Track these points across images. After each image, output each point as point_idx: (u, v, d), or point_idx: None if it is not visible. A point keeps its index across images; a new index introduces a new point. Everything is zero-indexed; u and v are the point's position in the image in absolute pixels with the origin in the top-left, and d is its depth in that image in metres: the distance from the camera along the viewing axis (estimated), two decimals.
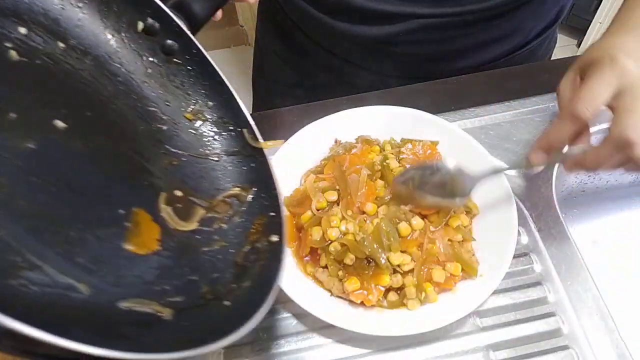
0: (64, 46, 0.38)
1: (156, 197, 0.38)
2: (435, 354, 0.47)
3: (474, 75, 0.67)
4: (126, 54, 0.42)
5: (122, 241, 0.33)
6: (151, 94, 0.42)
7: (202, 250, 0.37)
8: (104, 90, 0.39)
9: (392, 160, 0.53)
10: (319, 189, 0.52)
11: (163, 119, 0.42)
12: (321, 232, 0.49)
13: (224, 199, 0.40)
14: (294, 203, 0.53)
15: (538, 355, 0.46)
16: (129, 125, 0.40)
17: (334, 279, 0.48)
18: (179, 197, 0.39)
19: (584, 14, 1.78)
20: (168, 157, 0.40)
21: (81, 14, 0.40)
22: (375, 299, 0.46)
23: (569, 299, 0.49)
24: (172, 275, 0.34)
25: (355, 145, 0.55)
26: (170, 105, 0.42)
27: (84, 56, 0.39)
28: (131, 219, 0.35)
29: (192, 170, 0.41)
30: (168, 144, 0.41)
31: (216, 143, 0.42)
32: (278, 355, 0.47)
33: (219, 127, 0.43)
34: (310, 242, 0.49)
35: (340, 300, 0.48)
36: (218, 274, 0.36)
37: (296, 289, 0.47)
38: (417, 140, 0.55)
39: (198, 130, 0.42)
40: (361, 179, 0.50)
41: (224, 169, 0.42)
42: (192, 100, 0.43)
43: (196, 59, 0.43)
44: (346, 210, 0.49)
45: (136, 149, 0.39)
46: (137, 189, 0.37)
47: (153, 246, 0.35)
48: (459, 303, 0.46)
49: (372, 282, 0.47)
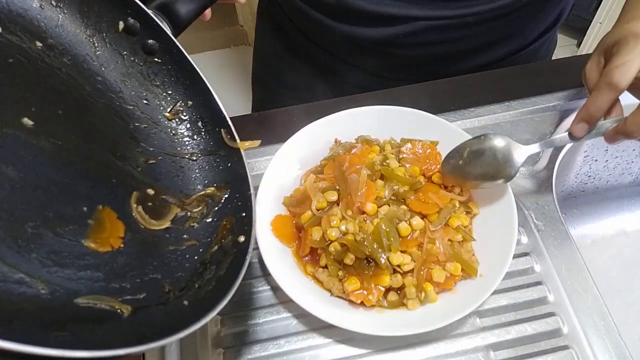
0: (42, 45, 0.38)
1: (127, 195, 0.38)
2: (435, 354, 0.47)
3: (474, 75, 0.67)
4: (106, 53, 0.42)
5: (83, 238, 0.33)
6: (130, 92, 0.42)
7: (170, 249, 0.37)
8: (80, 89, 0.39)
9: (392, 160, 0.53)
10: (319, 189, 0.52)
11: (141, 118, 0.42)
12: (321, 232, 0.49)
13: (199, 198, 0.40)
14: (294, 203, 0.53)
15: (538, 355, 0.46)
16: (104, 124, 0.40)
17: (334, 279, 0.48)
18: (151, 195, 0.39)
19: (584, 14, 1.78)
20: (144, 156, 0.40)
21: (61, 14, 0.40)
22: (375, 299, 0.46)
23: (569, 299, 0.49)
24: (134, 274, 0.34)
25: (355, 145, 0.55)
26: (149, 104, 0.43)
27: (62, 55, 0.39)
28: (94, 217, 0.34)
29: (167, 169, 0.41)
30: (145, 142, 0.41)
31: (193, 142, 0.43)
32: (278, 355, 0.47)
33: (197, 127, 0.43)
34: (310, 242, 0.49)
35: (340, 300, 0.48)
36: (183, 273, 0.36)
37: (296, 289, 0.47)
38: (417, 140, 0.55)
39: (176, 130, 0.43)
40: (361, 179, 0.50)
41: (200, 168, 0.42)
42: (172, 99, 0.43)
43: (176, 59, 0.43)
44: (346, 210, 0.49)
45: (110, 147, 0.39)
46: (106, 187, 0.37)
47: (116, 244, 0.35)
48: (459, 303, 0.46)
49: (372, 282, 0.47)
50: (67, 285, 0.30)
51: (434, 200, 0.50)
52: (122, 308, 0.31)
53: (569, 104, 0.63)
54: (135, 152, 0.40)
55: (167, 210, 0.39)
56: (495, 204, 0.52)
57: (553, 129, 0.61)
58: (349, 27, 0.64)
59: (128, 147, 0.40)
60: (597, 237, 0.72)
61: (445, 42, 0.64)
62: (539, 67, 0.71)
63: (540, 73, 0.68)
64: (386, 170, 0.52)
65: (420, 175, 0.53)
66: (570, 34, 1.97)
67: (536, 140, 0.60)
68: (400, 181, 0.51)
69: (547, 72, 0.68)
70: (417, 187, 0.51)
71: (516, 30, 0.67)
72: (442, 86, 0.66)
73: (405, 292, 0.47)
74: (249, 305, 0.50)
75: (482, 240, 0.51)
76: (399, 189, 0.51)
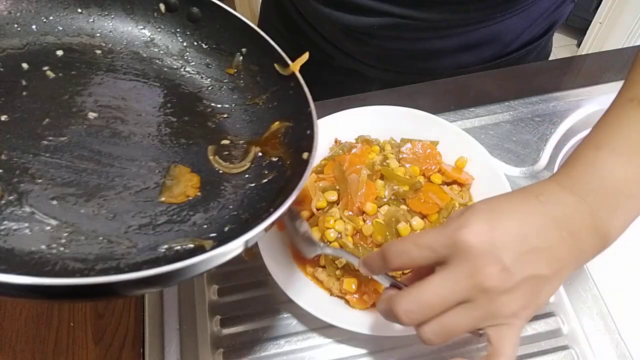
0: (100, 52, 0.44)
1: (203, 150, 0.41)
2: (436, 354, 0.47)
3: (474, 75, 0.67)
4: (161, 36, 0.46)
5: (157, 196, 0.37)
6: (192, 62, 0.46)
7: (251, 186, 0.40)
8: (144, 76, 0.44)
9: (392, 160, 0.53)
10: (319, 189, 0.52)
11: (207, 81, 0.46)
12: (320, 232, 0.49)
13: (272, 134, 0.42)
14: (294, 201, 0.52)
15: (538, 355, 0.46)
16: (172, 98, 0.44)
17: (332, 279, 0.48)
18: (228, 145, 0.42)
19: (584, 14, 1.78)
20: (215, 113, 0.44)
21: (109, 20, 0.45)
22: (372, 301, 0.46)
23: (569, 299, 0.49)
24: (213, 215, 0.37)
25: (355, 145, 0.55)
26: (211, 67, 0.46)
27: (119, 54, 0.44)
28: (168, 175, 0.38)
29: (240, 118, 0.44)
30: (214, 102, 0.45)
31: (257, 86, 0.45)
32: (278, 355, 0.47)
33: (256, 70, 0.45)
34: None
35: (340, 300, 0.48)
36: (265, 203, 0.38)
37: (296, 289, 0.47)
38: (417, 140, 0.55)
39: (240, 80, 0.45)
40: (361, 179, 0.50)
41: (268, 107, 0.44)
42: (229, 54, 0.46)
43: (220, 15, 0.45)
44: (343, 211, 0.49)
45: (180, 114, 0.43)
46: (180, 149, 0.40)
47: (192, 193, 0.38)
48: None
49: (369, 285, 0.47)
50: (150, 239, 0.34)
51: (434, 200, 0.50)
52: (205, 244, 0.34)
53: (569, 104, 0.63)
54: (207, 112, 0.44)
55: (245, 153, 0.42)
56: None
57: (553, 129, 0.61)
58: (330, 12, 0.64)
59: (197, 110, 0.44)
60: None
61: (418, 39, 0.65)
62: (539, 66, 0.71)
63: (540, 73, 0.68)
64: (386, 170, 0.52)
65: (420, 175, 0.53)
66: (570, 34, 1.97)
67: (536, 140, 0.60)
68: (400, 181, 0.51)
69: (547, 72, 0.68)
70: (417, 187, 0.51)
71: (494, 37, 0.67)
72: (442, 86, 0.66)
73: None
74: (249, 305, 0.50)
75: None
76: (399, 189, 0.51)
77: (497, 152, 0.59)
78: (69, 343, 0.48)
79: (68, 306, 0.50)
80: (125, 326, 0.48)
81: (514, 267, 0.32)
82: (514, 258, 0.32)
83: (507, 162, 0.59)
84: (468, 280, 0.32)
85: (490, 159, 0.54)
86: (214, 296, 0.51)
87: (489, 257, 0.32)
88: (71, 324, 0.49)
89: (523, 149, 0.60)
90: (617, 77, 0.64)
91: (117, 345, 0.47)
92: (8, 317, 0.49)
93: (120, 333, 0.48)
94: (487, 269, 0.32)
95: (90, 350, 0.47)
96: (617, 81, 0.63)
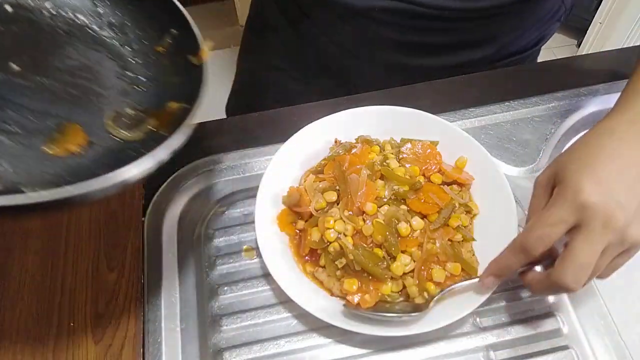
0: (48, 14, 0.46)
1: (102, 113, 0.43)
2: (435, 354, 0.47)
3: (474, 75, 0.67)
4: (104, 8, 0.48)
5: (41, 144, 0.39)
6: (124, 34, 0.48)
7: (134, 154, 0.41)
8: (76, 39, 0.46)
9: (392, 160, 0.53)
10: (319, 190, 0.52)
11: (131, 55, 0.48)
12: (319, 233, 0.49)
13: (169, 112, 0.44)
14: (293, 202, 0.53)
15: (538, 355, 0.46)
16: (93, 65, 0.46)
17: (333, 279, 0.48)
18: (130, 114, 0.44)
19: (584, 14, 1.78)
20: (129, 84, 0.46)
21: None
22: (373, 301, 0.46)
23: (569, 299, 0.49)
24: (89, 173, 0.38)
25: (355, 145, 0.55)
26: (142, 42, 0.48)
27: (62, 16, 0.46)
28: (59, 130, 0.40)
29: (150, 93, 0.46)
30: (133, 73, 0.47)
31: (173, 68, 0.47)
32: (278, 355, 0.47)
33: (177, 55, 0.46)
34: (309, 242, 0.49)
35: (341, 300, 0.48)
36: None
37: (296, 289, 0.47)
38: (416, 140, 0.55)
39: (163, 60, 0.47)
40: (361, 179, 0.50)
41: (174, 88, 0.46)
42: (160, 33, 0.47)
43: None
44: (343, 211, 0.49)
45: (94, 78, 0.45)
46: (81, 109, 0.43)
47: (74, 150, 0.40)
48: (459, 303, 0.46)
49: (370, 285, 0.47)
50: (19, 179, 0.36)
51: (434, 200, 0.50)
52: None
53: (569, 104, 0.63)
54: (121, 82, 0.46)
55: (142, 124, 0.43)
56: (495, 204, 0.52)
57: (553, 129, 0.61)
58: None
59: (112, 78, 0.46)
60: None
61: (416, 29, 0.64)
62: (539, 67, 0.71)
63: (540, 73, 0.68)
64: (386, 170, 0.52)
65: (420, 175, 0.53)
66: (570, 34, 1.97)
67: (536, 140, 0.60)
68: (400, 181, 0.51)
69: (547, 72, 0.68)
70: (417, 187, 0.51)
71: (492, 36, 0.67)
72: (442, 86, 0.66)
73: (407, 292, 0.47)
74: (249, 305, 0.50)
75: (482, 240, 0.51)
76: (399, 189, 0.51)
77: (497, 152, 0.59)
78: (69, 343, 0.48)
79: (68, 306, 0.49)
80: (125, 326, 0.48)
81: (628, 202, 0.39)
82: (626, 194, 0.39)
83: (507, 162, 0.59)
84: (605, 230, 0.38)
85: (491, 159, 0.55)
86: (214, 296, 0.51)
87: (610, 204, 0.39)
88: (71, 324, 0.49)
89: (523, 149, 0.60)
90: (617, 77, 0.64)
91: (117, 345, 0.47)
92: (8, 317, 0.49)
93: (120, 333, 0.48)
94: (614, 215, 0.38)
95: (90, 350, 0.47)
96: (617, 81, 0.63)
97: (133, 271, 0.51)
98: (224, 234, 0.55)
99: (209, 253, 0.54)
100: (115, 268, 0.51)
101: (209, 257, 0.54)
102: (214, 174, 0.58)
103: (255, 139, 0.61)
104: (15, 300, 0.50)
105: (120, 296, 0.50)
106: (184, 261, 0.53)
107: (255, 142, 0.60)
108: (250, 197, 0.57)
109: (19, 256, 0.53)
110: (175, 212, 0.56)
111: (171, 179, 0.57)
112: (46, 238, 0.54)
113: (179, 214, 0.56)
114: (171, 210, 0.56)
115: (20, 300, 0.50)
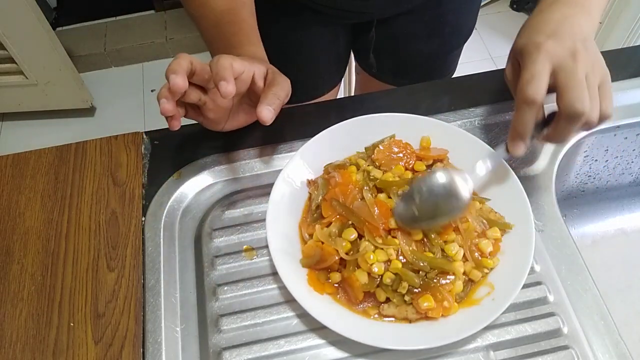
0: None
1: None
2: (436, 354, 0.47)
3: (474, 76, 0.67)
4: None
5: None
6: None
7: None
8: None
9: (374, 171, 0.53)
10: (334, 235, 0.49)
11: None
12: (365, 273, 0.47)
13: None
14: (316, 261, 0.49)
15: (538, 355, 0.46)
16: None
17: (404, 307, 0.47)
18: None
19: None
20: None
21: None
22: (451, 303, 0.46)
23: (569, 299, 0.49)
24: None
25: (333, 175, 0.53)
26: None
27: None
28: None
29: None
30: None
31: None
32: (278, 355, 0.47)
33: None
34: (361, 287, 0.47)
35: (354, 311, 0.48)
36: None
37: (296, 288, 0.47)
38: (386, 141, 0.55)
39: None
40: (368, 201, 0.49)
41: None
42: None
43: None
44: (374, 239, 0.48)
45: None
46: None
47: None
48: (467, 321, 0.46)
49: (443, 291, 0.46)
50: None
51: None
52: None
53: None
54: None
55: None
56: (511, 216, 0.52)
57: None
58: None
59: None
60: (597, 237, 0.72)
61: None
62: None
63: None
64: (382, 182, 0.51)
65: (406, 171, 0.53)
66: None
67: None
68: (397, 185, 0.51)
69: None
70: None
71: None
72: (442, 86, 0.66)
73: (472, 275, 0.48)
74: (249, 305, 0.50)
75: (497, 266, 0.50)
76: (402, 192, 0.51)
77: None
78: (69, 343, 0.48)
79: (68, 306, 0.50)
80: (125, 326, 0.48)
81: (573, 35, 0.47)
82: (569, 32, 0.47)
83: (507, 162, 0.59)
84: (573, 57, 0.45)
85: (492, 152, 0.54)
86: (214, 296, 0.51)
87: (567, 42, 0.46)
88: (71, 324, 0.49)
89: None
90: (617, 77, 0.64)
91: (117, 345, 0.47)
92: (8, 317, 0.49)
93: (120, 333, 0.48)
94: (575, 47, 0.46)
95: (90, 350, 0.47)
96: (617, 81, 0.63)
97: (133, 271, 0.51)
98: (224, 234, 0.55)
99: (209, 253, 0.54)
100: (115, 268, 0.52)
101: (209, 257, 0.54)
102: (214, 174, 0.58)
103: (254, 140, 0.61)
104: (15, 300, 0.50)
105: (120, 296, 0.50)
106: (184, 261, 0.53)
107: (255, 143, 0.60)
108: (250, 197, 0.57)
109: (19, 256, 0.53)
110: (176, 212, 0.56)
111: (171, 179, 0.57)
112: (46, 238, 0.54)
113: (179, 214, 0.56)
114: (171, 210, 0.56)
115: (20, 300, 0.50)
